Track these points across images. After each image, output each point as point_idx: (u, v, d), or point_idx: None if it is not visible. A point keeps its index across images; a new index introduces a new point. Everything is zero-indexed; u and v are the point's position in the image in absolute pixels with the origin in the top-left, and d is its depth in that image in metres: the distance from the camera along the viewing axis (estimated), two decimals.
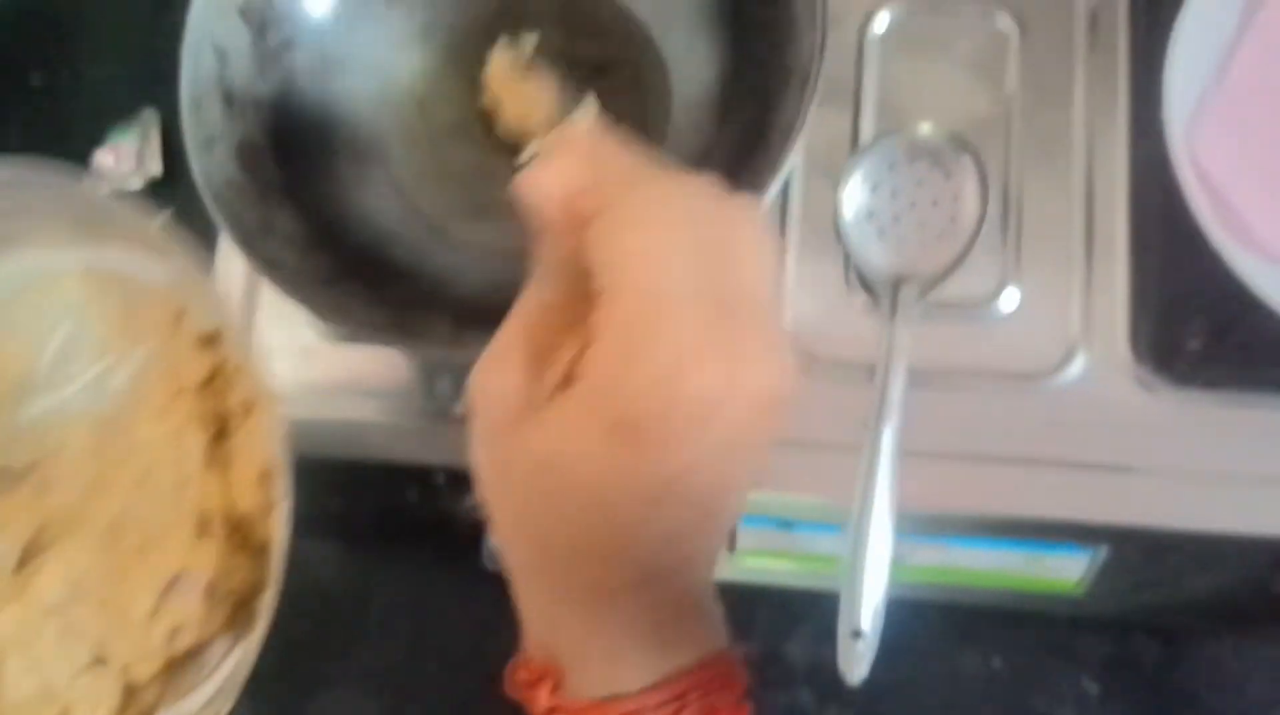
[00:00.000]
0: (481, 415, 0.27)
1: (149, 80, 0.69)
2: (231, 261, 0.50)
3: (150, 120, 0.67)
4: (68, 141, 0.68)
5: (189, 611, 0.41)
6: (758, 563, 0.51)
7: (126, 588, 0.42)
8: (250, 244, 0.40)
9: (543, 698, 0.28)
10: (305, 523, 0.59)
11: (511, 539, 0.28)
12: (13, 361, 0.44)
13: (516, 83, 0.45)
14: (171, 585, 0.42)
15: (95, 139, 0.67)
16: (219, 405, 0.44)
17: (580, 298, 0.26)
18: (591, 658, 0.28)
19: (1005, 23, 0.49)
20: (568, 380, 0.25)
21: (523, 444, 0.26)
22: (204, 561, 0.42)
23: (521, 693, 0.29)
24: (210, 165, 0.42)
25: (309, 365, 0.49)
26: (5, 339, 0.44)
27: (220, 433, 0.44)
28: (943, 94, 0.48)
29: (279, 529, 0.38)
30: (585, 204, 0.26)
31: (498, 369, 0.27)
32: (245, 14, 0.44)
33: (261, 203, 0.42)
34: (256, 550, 0.42)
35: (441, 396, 0.48)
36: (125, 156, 0.66)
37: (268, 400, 0.40)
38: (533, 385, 0.26)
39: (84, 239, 0.44)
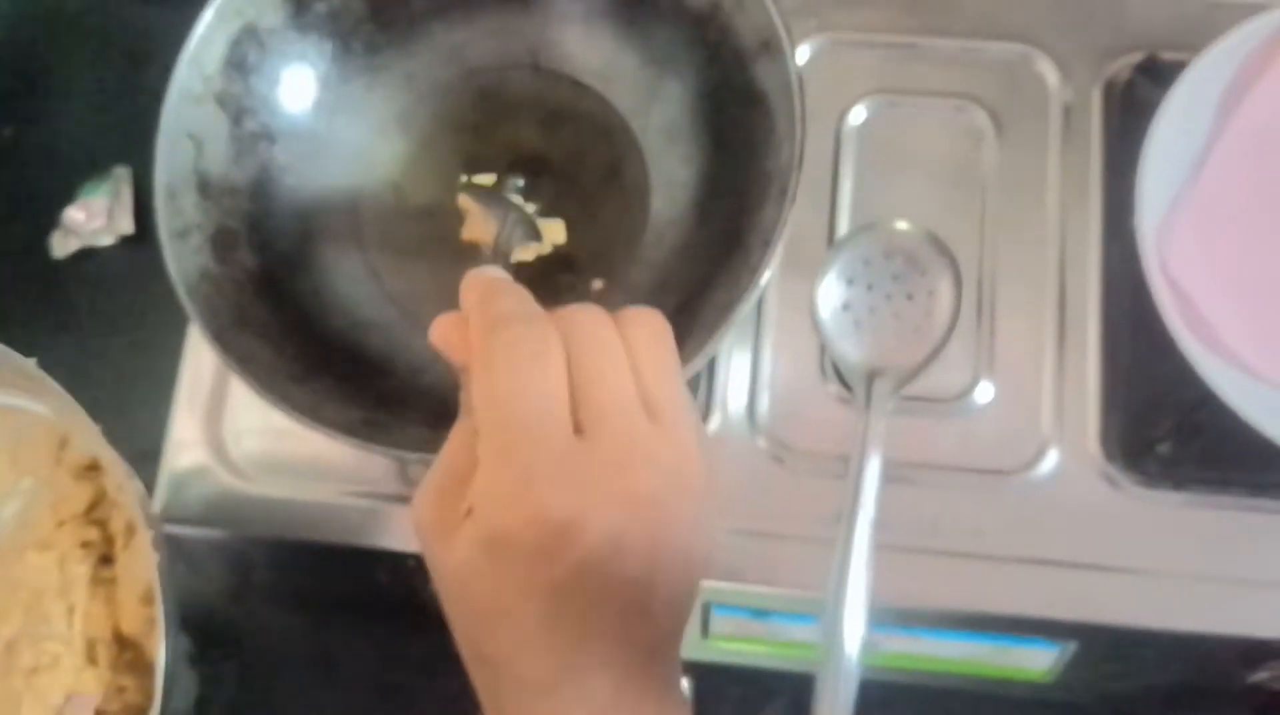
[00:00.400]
0: (420, 539, 0.30)
1: (121, 137, 0.68)
2: (203, 344, 0.50)
3: (122, 177, 0.66)
4: (38, 197, 0.67)
5: None
6: (732, 646, 0.51)
7: (20, 712, 0.43)
8: (223, 339, 0.40)
9: None
10: (275, 595, 0.58)
11: (458, 641, 0.30)
12: None
13: (475, 211, 0.45)
14: (62, 708, 0.44)
15: (66, 195, 0.66)
16: (102, 531, 0.46)
17: None
18: None
19: (980, 118, 0.49)
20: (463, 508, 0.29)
21: (441, 565, 0.29)
22: (93, 684, 0.44)
23: None
24: (184, 255, 0.41)
25: (281, 445, 0.48)
26: None
27: (104, 557, 0.46)
28: (918, 188, 0.49)
29: (160, 652, 0.40)
30: (466, 354, 0.30)
31: (426, 501, 0.29)
32: (222, 101, 0.44)
33: (236, 293, 0.42)
34: (144, 670, 0.44)
35: (414, 481, 0.48)
36: (97, 213, 0.65)
37: (145, 525, 0.41)
38: (454, 512, 0.29)
39: None
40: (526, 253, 0.45)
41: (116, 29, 0.72)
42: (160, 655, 0.40)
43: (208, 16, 0.43)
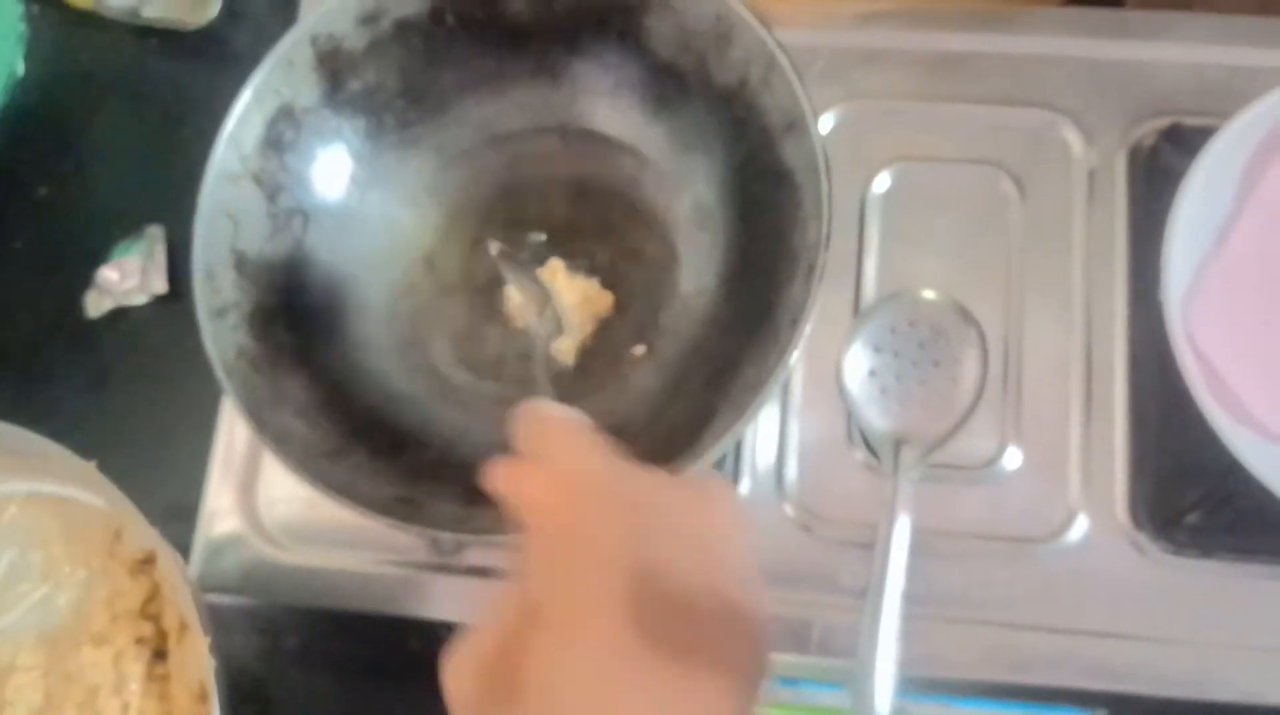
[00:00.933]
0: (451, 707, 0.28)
1: (155, 195, 0.69)
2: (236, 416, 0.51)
3: (156, 237, 0.67)
4: (72, 256, 0.68)
5: None
6: (763, 711, 0.51)
7: None
8: (259, 417, 0.41)
9: None
10: (306, 659, 0.59)
11: None
12: None
13: (519, 279, 0.46)
14: None
15: (100, 253, 0.68)
16: (155, 626, 0.46)
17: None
18: None
19: (1005, 183, 0.50)
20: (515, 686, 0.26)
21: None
22: None
23: None
24: (222, 333, 0.42)
25: (314, 514, 0.49)
26: None
27: (157, 652, 0.46)
28: (943, 255, 0.49)
29: None
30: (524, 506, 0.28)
31: (466, 676, 0.27)
32: (258, 179, 0.45)
33: (272, 369, 0.43)
34: None
35: (444, 549, 0.48)
36: (130, 273, 0.66)
37: (199, 623, 0.42)
38: (501, 691, 0.26)
39: (20, 471, 0.47)
40: (564, 346, 0.46)
41: (150, 88, 0.73)
42: None
43: (245, 97, 0.44)
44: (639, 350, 0.46)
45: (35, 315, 0.69)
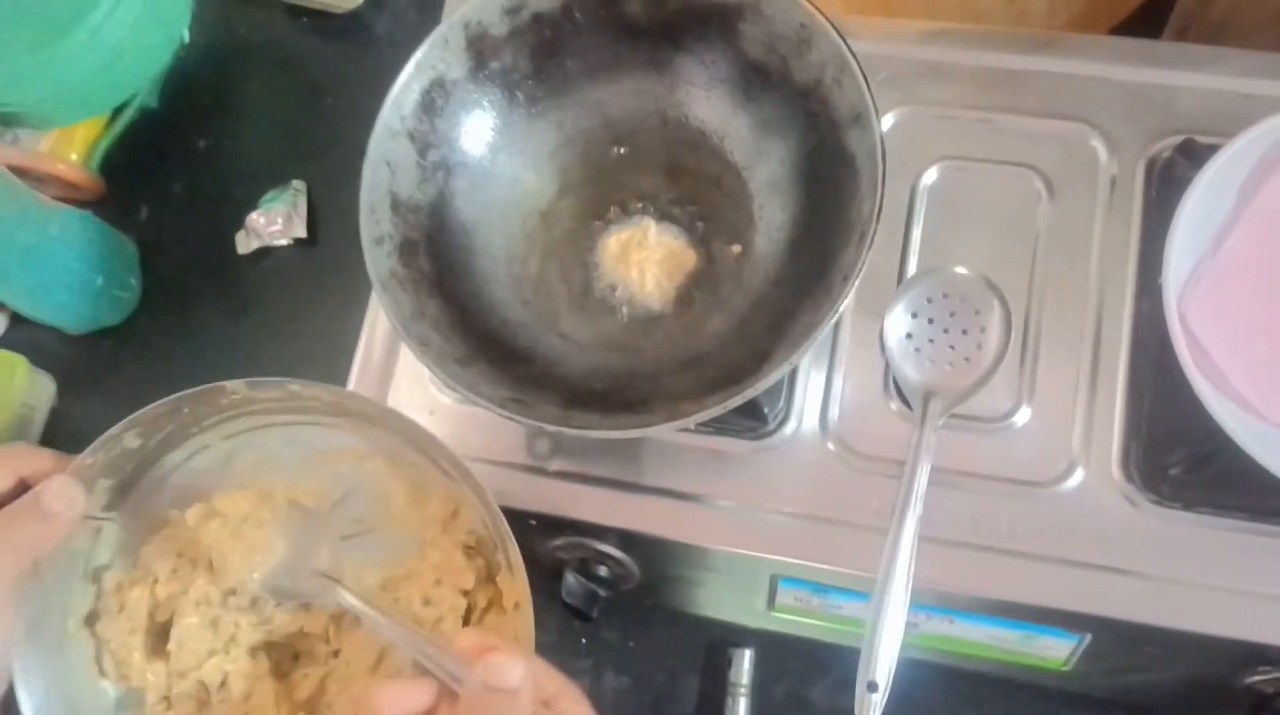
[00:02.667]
0: None
1: (299, 155, 0.80)
2: (375, 329, 0.61)
3: (299, 189, 0.78)
4: (225, 201, 0.79)
5: None
6: (792, 617, 0.60)
7: None
8: (406, 326, 0.50)
9: None
10: None
11: None
12: (305, 497, 0.53)
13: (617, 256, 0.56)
14: None
15: (250, 200, 0.78)
16: (470, 601, 0.52)
17: None
18: None
19: (1036, 183, 0.58)
20: None
21: None
22: None
23: None
24: (379, 258, 0.52)
25: (434, 420, 0.58)
26: (307, 480, 0.53)
27: (464, 621, 0.52)
28: (978, 240, 0.57)
29: None
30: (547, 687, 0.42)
31: None
32: (412, 137, 0.54)
33: (415, 292, 0.52)
34: None
35: (539, 454, 0.57)
36: (275, 219, 0.77)
37: (525, 604, 0.48)
38: None
39: (387, 439, 0.52)
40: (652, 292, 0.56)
41: (296, 60, 0.84)
42: None
43: (409, 68, 0.54)
44: (735, 248, 0.55)
45: (189, 249, 0.80)
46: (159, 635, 0.52)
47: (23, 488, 0.46)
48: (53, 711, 0.48)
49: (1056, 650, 0.55)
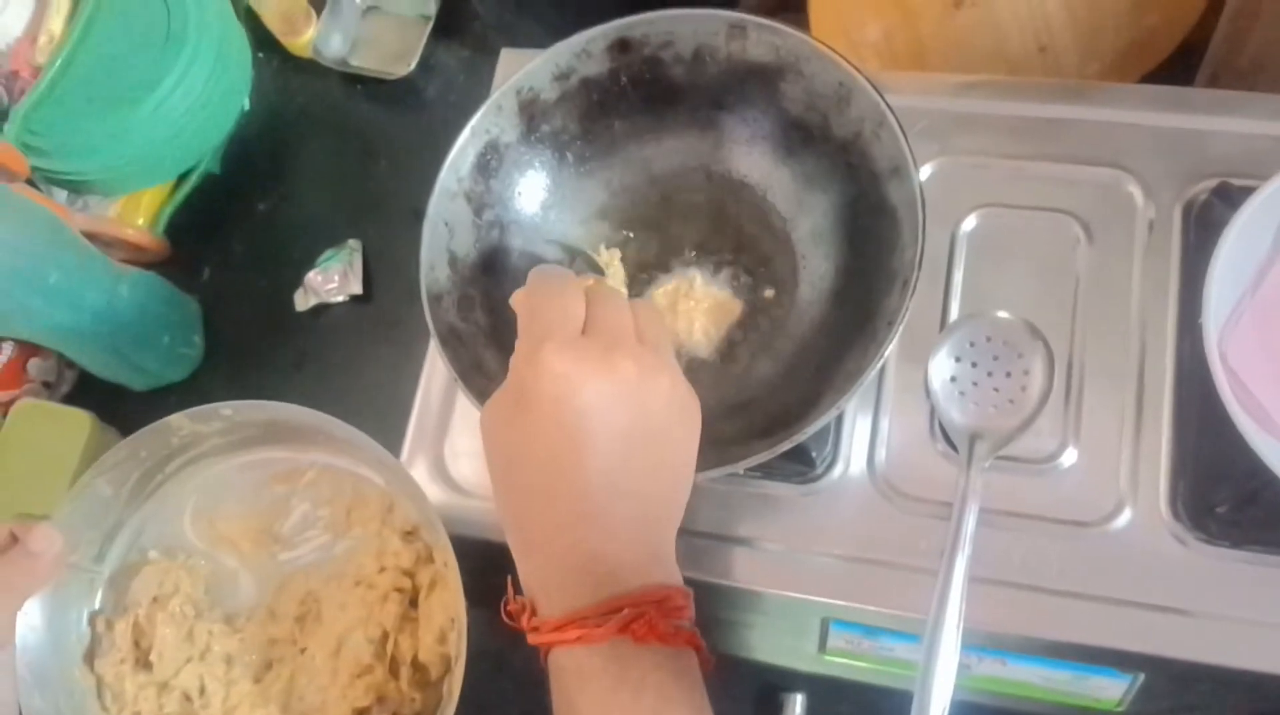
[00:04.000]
0: (550, 319, 0.43)
1: (354, 215, 0.83)
2: (431, 382, 0.63)
3: (354, 248, 0.81)
4: (284, 261, 0.82)
5: None
6: (843, 661, 0.60)
7: (341, 705, 0.57)
8: (466, 378, 0.52)
9: (524, 622, 0.41)
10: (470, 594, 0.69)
11: (496, 496, 0.43)
12: (267, 522, 0.64)
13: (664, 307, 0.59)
14: (367, 709, 0.58)
15: (308, 259, 0.82)
16: (412, 581, 0.60)
17: None
18: (549, 588, 0.41)
19: (1075, 228, 0.59)
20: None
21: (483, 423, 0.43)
22: (393, 694, 0.58)
23: (511, 620, 0.43)
24: (438, 314, 0.54)
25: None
26: (264, 506, 0.64)
27: (411, 601, 0.60)
28: (1019, 285, 0.58)
29: (458, 675, 0.53)
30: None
31: (561, 298, 0.44)
32: (469, 197, 0.57)
33: (473, 345, 0.54)
34: (430, 688, 0.58)
35: None
36: (332, 278, 0.80)
37: (453, 580, 0.55)
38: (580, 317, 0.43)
39: (323, 447, 0.62)
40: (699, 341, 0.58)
41: (351, 125, 0.88)
42: (458, 681, 0.53)
43: (465, 133, 0.56)
44: (769, 293, 0.58)
45: (249, 307, 0.83)
46: (145, 663, 0.61)
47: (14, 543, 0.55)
48: None
49: (1110, 690, 0.55)
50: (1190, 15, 0.68)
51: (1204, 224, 0.57)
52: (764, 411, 0.53)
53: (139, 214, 0.83)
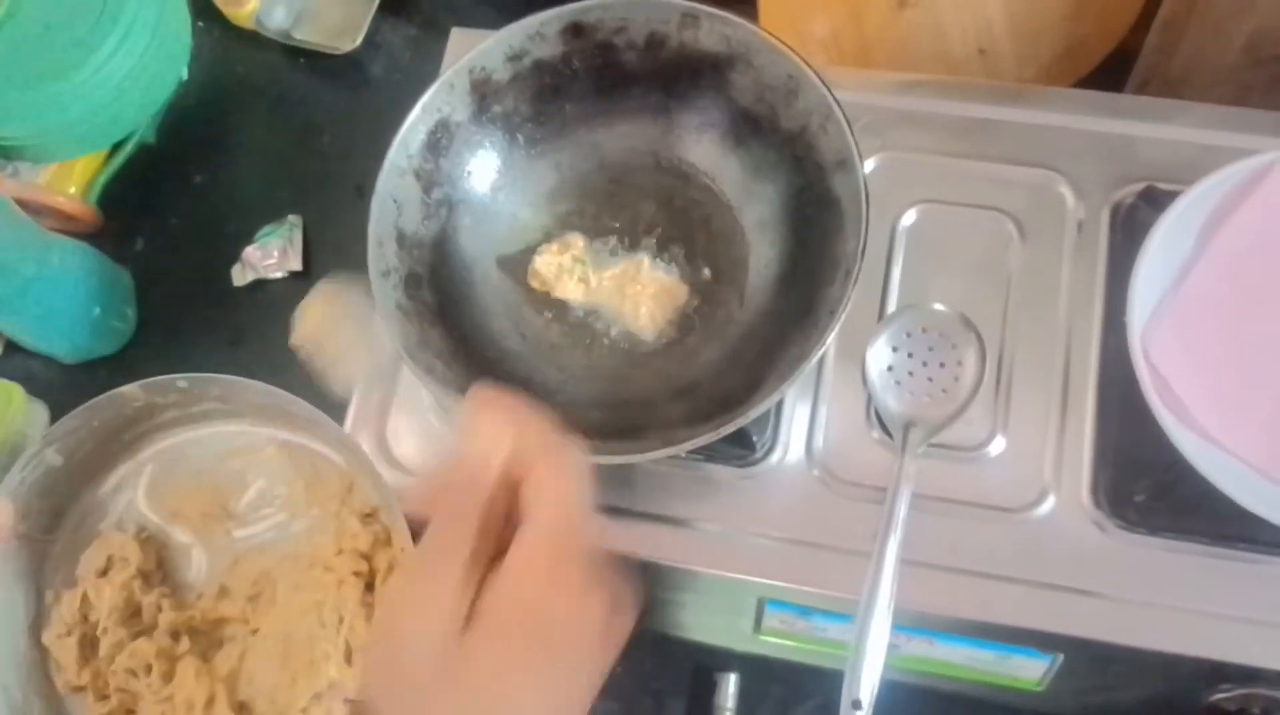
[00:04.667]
0: (407, 624, 0.34)
1: (295, 190, 0.82)
2: (376, 361, 0.62)
3: (295, 224, 0.80)
4: (221, 235, 0.81)
5: (331, 710, 0.57)
6: (778, 641, 0.62)
7: (293, 691, 0.57)
8: (412, 354, 0.52)
9: None
10: None
11: None
12: (222, 498, 0.62)
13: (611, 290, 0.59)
14: (324, 693, 0.57)
15: (246, 233, 0.80)
16: (369, 565, 0.59)
17: (487, 536, 0.35)
18: None
19: (1008, 226, 0.61)
20: (476, 606, 0.34)
21: (456, 676, 0.33)
22: (349, 680, 0.57)
23: None
24: (384, 291, 0.54)
25: (431, 445, 0.60)
26: (219, 481, 0.62)
27: (368, 585, 0.58)
28: (954, 279, 0.60)
29: None
30: (520, 459, 0.36)
31: (427, 593, 0.34)
32: (418, 175, 0.57)
33: (420, 322, 0.54)
34: None
35: None
36: (270, 253, 0.79)
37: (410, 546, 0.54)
38: (455, 615, 0.34)
39: (282, 423, 0.60)
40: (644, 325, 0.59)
41: (293, 99, 0.86)
42: None
43: (416, 110, 0.56)
44: (710, 275, 0.58)
45: (184, 281, 0.81)
46: (92, 637, 0.59)
47: None
48: None
49: (1030, 670, 0.57)
50: (1122, 24, 0.71)
51: (1130, 225, 0.60)
52: (708, 395, 0.54)
53: (70, 182, 0.81)
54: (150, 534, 0.62)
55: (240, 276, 0.79)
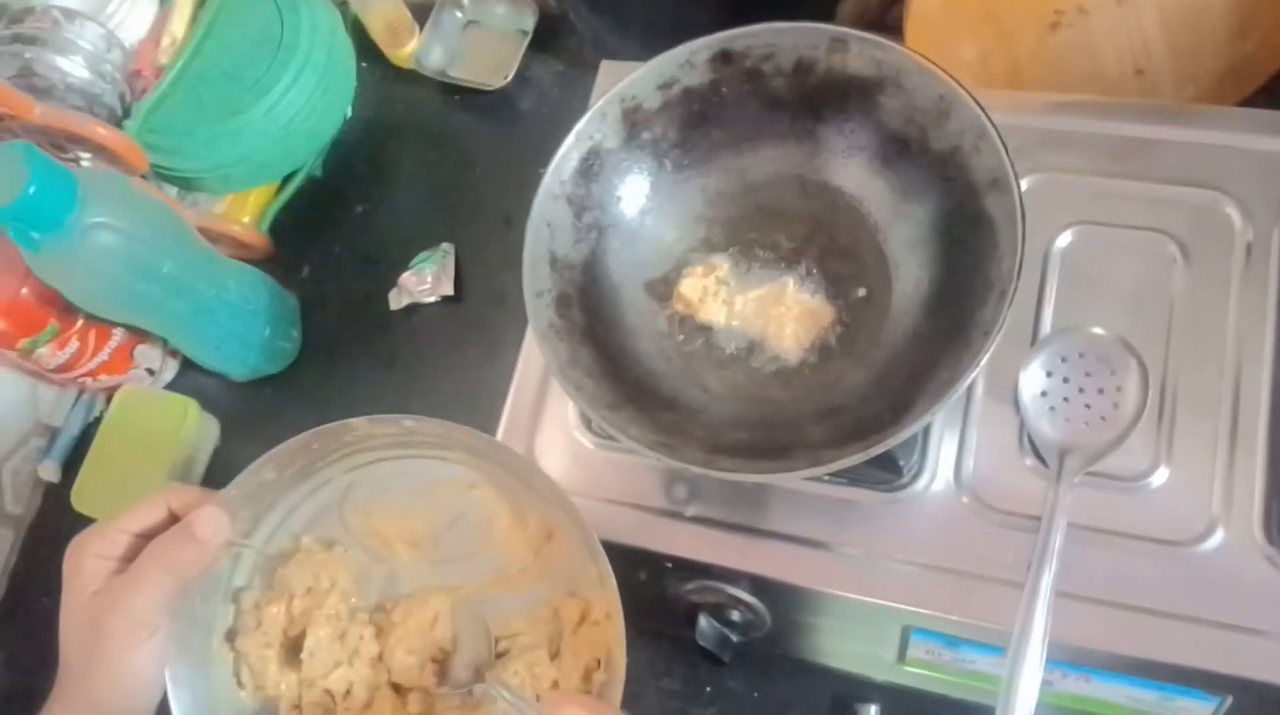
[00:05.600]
0: None
1: (448, 220, 0.86)
2: (525, 379, 0.64)
3: (448, 252, 0.84)
4: (380, 261, 0.85)
5: None
6: (922, 672, 0.60)
7: None
8: (563, 372, 0.54)
9: None
10: None
11: None
12: (422, 526, 0.60)
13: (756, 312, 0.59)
14: None
15: (403, 260, 0.84)
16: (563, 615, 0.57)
17: None
18: None
19: (1171, 248, 0.59)
20: None
21: None
22: None
23: None
24: (538, 310, 0.56)
25: (577, 463, 0.62)
26: (422, 509, 0.60)
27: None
28: (1113, 303, 0.58)
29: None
30: None
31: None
32: (570, 200, 0.59)
33: (570, 341, 0.56)
34: None
35: (676, 499, 0.60)
36: (425, 279, 0.83)
37: (613, 625, 0.52)
38: None
39: (491, 466, 0.58)
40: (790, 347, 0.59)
41: (448, 134, 0.91)
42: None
43: (570, 138, 0.58)
44: (861, 292, 0.58)
45: (345, 305, 0.86)
46: (291, 649, 0.58)
47: (174, 519, 0.52)
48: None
49: (1196, 712, 0.54)
50: None
51: None
52: (854, 418, 0.53)
53: (245, 212, 0.87)
54: (350, 552, 0.60)
55: (396, 301, 0.83)
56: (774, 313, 0.59)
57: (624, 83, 0.59)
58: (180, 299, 0.74)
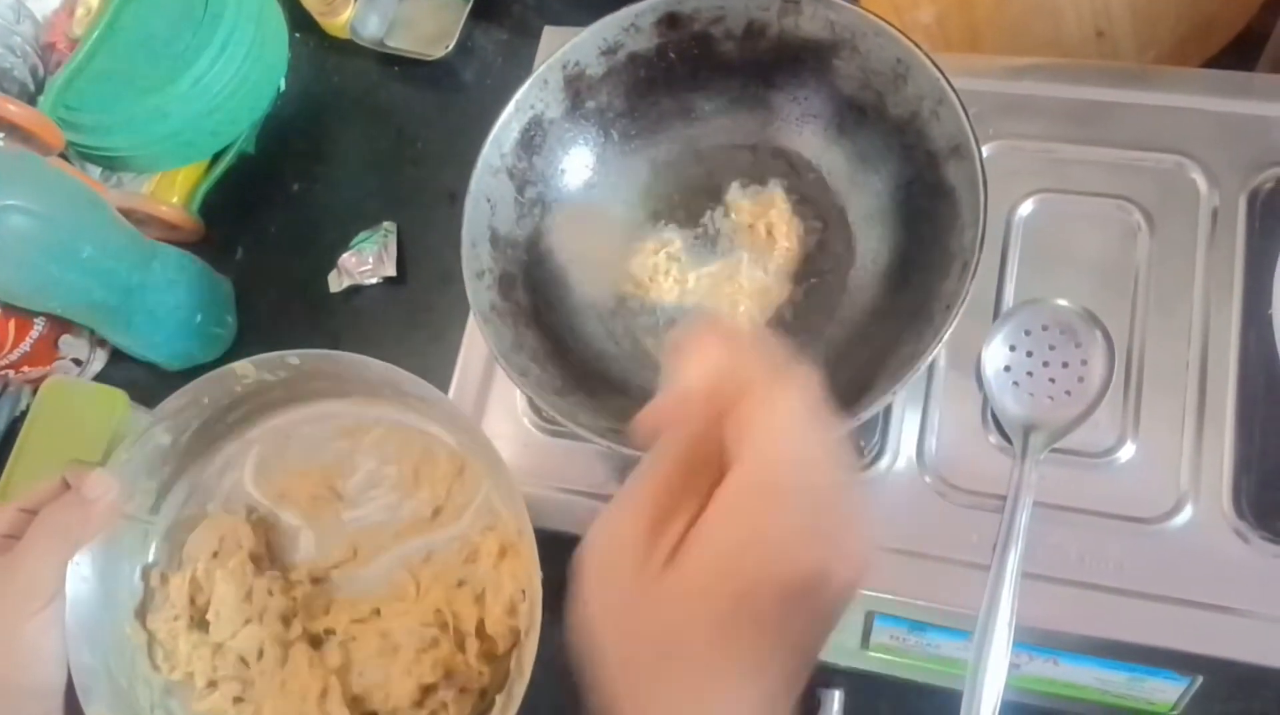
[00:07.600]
0: (603, 558, 0.31)
1: (389, 197, 0.82)
2: (468, 364, 0.61)
3: (389, 230, 0.80)
4: (318, 242, 0.81)
5: (445, 701, 0.54)
6: (886, 657, 0.58)
7: (404, 683, 0.54)
8: (506, 356, 0.51)
9: None
10: None
11: (610, 679, 0.30)
12: (331, 479, 0.60)
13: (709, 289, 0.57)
14: (434, 685, 0.55)
15: (342, 240, 0.80)
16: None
17: (697, 473, 0.31)
18: None
19: (1135, 216, 0.57)
20: (679, 547, 0.30)
21: (643, 607, 0.30)
22: (461, 667, 0.55)
23: None
24: (479, 291, 0.53)
25: (525, 450, 0.59)
26: (328, 462, 0.60)
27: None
28: (1076, 273, 0.56)
29: (530, 649, 0.50)
30: (726, 392, 0.31)
31: (625, 520, 0.31)
32: (511, 174, 0.56)
33: (514, 324, 0.53)
34: (499, 660, 0.55)
35: None
36: (365, 259, 0.79)
37: (527, 548, 0.51)
38: (651, 544, 0.30)
39: (390, 405, 0.57)
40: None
41: (387, 107, 0.86)
42: (530, 655, 0.50)
43: (509, 107, 0.55)
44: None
45: (282, 288, 0.82)
46: (200, 621, 0.57)
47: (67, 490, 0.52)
48: (112, 705, 0.53)
49: (1165, 693, 0.53)
50: (1251, 3, 0.66)
51: (1270, 212, 0.55)
52: None
53: (173, 192, 0.83)
54: (259, 516, 0.60)
55: (336, 283, 0.79)
56: (727, 290, 0.57)
57: (565, 48, 0.56)
58: (102, 285, 0.70)
